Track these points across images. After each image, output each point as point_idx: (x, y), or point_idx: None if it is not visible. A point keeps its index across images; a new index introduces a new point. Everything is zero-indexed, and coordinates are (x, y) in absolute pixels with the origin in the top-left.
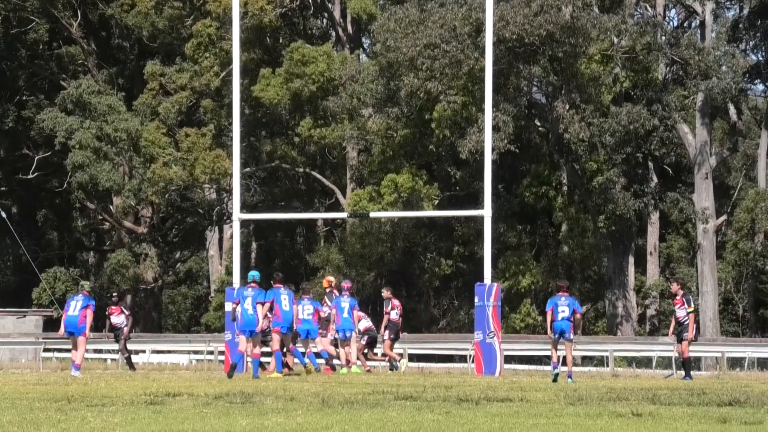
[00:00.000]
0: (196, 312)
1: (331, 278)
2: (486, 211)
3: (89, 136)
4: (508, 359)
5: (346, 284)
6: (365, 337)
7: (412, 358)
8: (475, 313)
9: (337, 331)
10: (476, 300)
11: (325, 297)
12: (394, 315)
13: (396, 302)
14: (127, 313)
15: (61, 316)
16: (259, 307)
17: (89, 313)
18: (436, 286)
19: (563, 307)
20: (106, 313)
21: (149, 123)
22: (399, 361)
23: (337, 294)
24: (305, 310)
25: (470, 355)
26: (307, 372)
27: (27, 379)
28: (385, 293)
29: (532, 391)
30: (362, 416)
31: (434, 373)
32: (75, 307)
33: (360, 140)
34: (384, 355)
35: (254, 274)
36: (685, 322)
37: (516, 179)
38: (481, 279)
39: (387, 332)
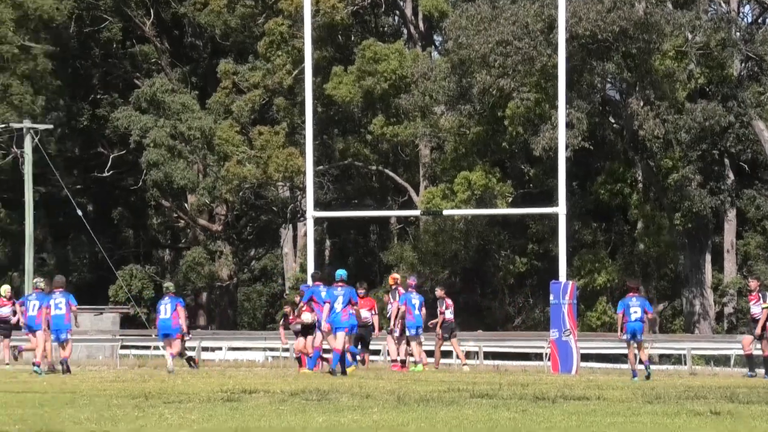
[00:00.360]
0: (271, 309)
1: (397, 275)
2: (560, 209)
3: (163, 135)
4: (585, 357)
5: (412, 281)
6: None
7: (488, 355)
8: (551, 311)
9: (409, 328)
10: (551, 298)
11: (389, 294)
12: (449, 314)
13: (449, 301)
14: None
15: (138, 314)
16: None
17: (181, 312)
18: (511, 284)
19: (635, 308)
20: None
21: (223, 121)
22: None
23: (403, 291)
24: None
25: (546, 353)
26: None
27: (104, 376)
28: (439, 292)
29: (609, 389)
30: (438, 414)
31: (510, 371)
32: (165, 310)
33: (432, 138)
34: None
35: (341, 272)
36: (759, 318)
37: (590, 176)
38: (556, 277)
39: (442, 331)
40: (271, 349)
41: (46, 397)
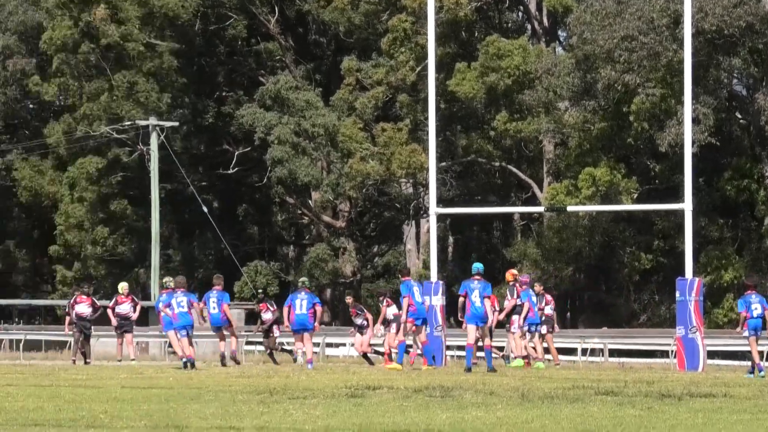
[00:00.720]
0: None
1: (515, 271)
2: (686, 205)
3: (288, 132)
4: (711, 354)
5: (524, 278)
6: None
7: (613, 353)
8: (677, 308)
9: (531, 324)
10: (677, 295)
11: (507, 290)
12: (549, 310)
13: (549, 297)
14: (273, 308)
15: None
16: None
17: (319, 309)
18: (636, 281)
19: (755, 304)
20: (256, 310)
21: (346, 118)
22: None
23: (521, 288)
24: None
25: (672, 351)
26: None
27: (230, 371)
28: (537, 288)
29: (735, 386)
30: (562, 411)
31: (635, 369)
32: (301, 305)
33: (556, 133)
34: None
35: (478, 266)
36: None
37: (717, 172)
38: (683, 273)
39: (544, 327)
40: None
41: (172, 393)
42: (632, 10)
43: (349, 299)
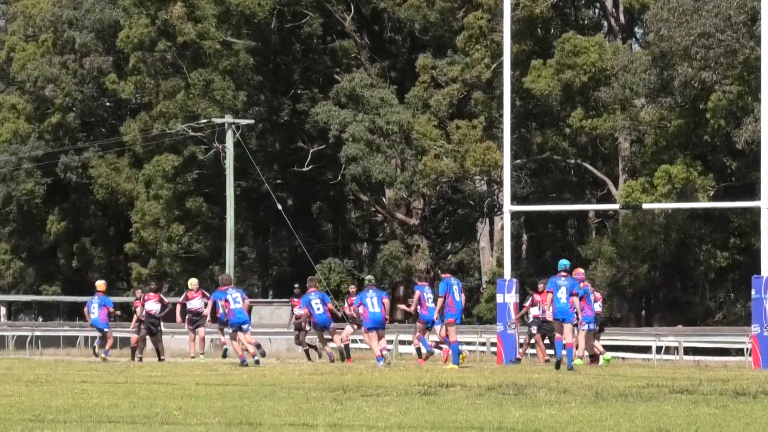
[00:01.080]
0: (467, 303)
1: (581, 270)
2: (763, 202)
3: (362, 129)
4: None
5: (580, 275)
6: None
7: (688, 351)
8: (753, 306)
9: (590, 322)
10: (753, 293)
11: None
12: (597, 306)
13: (598, 294)
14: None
15: (337, 307)
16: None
17: (386, 302)
18: (712, 279)
19: None
20: (291, 306)
21: (421, 115)
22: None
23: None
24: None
25: (747, 349)
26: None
27: (303, 368)
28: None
29: None
30: (637, 409)
31: (710, 367)
32: (373, 303)
33: (632, 131)
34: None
35: (565, 263)
36: None
37: None
38: (759, 271)
39: (534, 327)
40: (468, 343)
41: (246, 390)
42: (709, 7)
43: (352, 288)
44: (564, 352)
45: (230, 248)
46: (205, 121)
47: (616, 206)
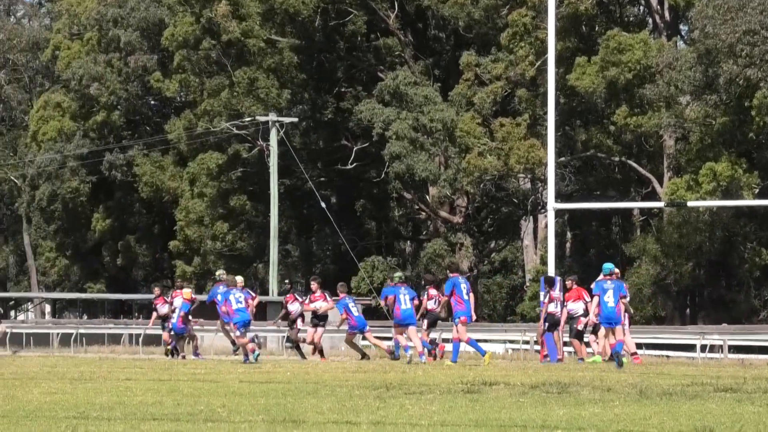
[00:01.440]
0: (511, 301)
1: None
2: None
3: (406, 127)
4: None
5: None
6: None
7: (732, 349)
8: None
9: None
10: None
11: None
12: (553, 307)
13: (554, 294)
14: (300, 300)
15: (380, 305)
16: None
17: (416, 302)
18: (757, 277)
19: None
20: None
21: (464, 113)
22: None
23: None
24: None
25: None
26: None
27: (346, 366)
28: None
29: None
30: (681, 408)
31: (755, 365)
32: (405, 300)
33: (677, 128)
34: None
35: (610, 266)
36: None
37: None
38: None
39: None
40: (511, 341)
41: (289, 388)
42: (754, 4)
43: (314, 285)
44: (623, 353)
45: (274, 246)
46: (249, 119)
47: (660, 204)
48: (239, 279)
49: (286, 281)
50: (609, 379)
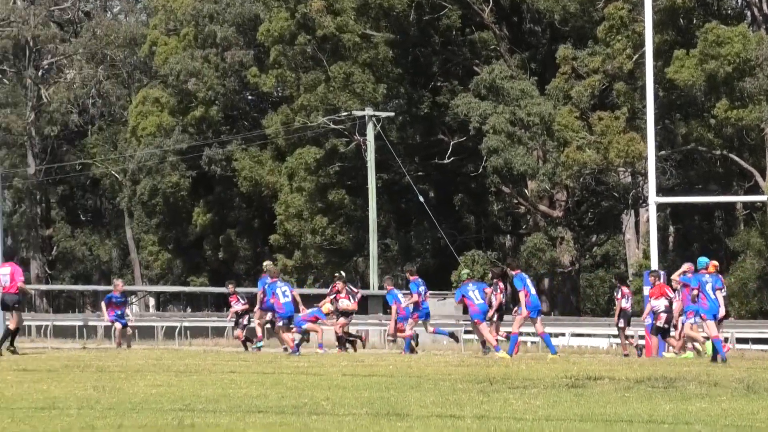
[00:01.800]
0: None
1: (716, 262)
2: None
3: (503, 121)
4: None
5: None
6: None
7: None
8: None
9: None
10: None
11: None
12: (625, 303)
13: (626, 290)
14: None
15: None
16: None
17: (488, 292)
18: None
19: None
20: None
21: (562, 107)
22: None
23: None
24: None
25: None
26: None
27: (449, 360)
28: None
29: None
30: None
31: None
32: (477, 297)
33: None
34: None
35: (705, 260)
36: None
37: None
38: None
39: (621, 320)
40: (615, 336)
41: (392, 381)
42: None
43: (339, 284)
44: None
45: (373, 240)
46: (345, 113)
47: (763, 198)
48: (342, 275)
49: (336, 274)
50: (715, 373)
